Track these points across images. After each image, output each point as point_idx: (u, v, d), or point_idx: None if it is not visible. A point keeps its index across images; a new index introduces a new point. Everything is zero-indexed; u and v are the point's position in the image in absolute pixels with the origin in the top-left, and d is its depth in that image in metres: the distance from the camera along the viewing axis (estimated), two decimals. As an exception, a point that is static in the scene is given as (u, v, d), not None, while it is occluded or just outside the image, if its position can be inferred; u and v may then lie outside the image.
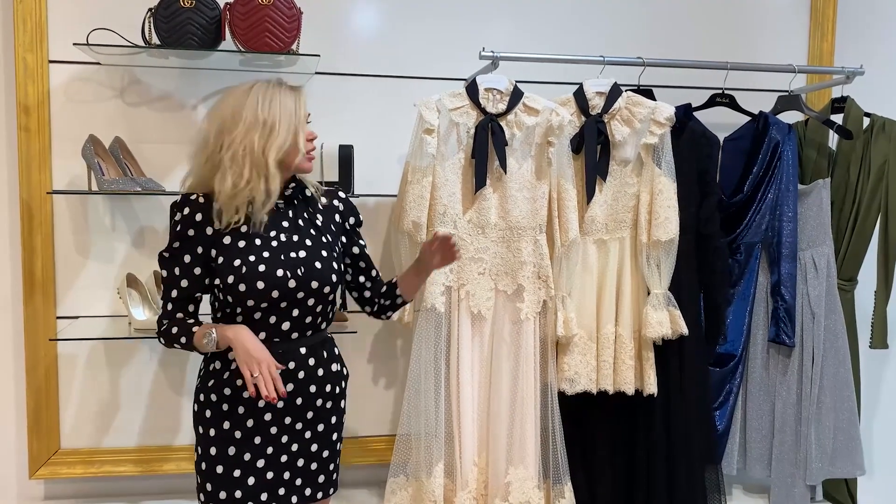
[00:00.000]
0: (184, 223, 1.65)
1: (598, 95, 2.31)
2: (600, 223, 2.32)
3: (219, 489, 1.68)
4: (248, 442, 1.68)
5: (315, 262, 1.72)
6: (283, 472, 1.73)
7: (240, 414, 1.68)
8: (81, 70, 2.33)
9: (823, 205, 2.50)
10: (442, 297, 2.22)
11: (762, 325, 2.55)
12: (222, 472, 1.67)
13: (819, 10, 2.80)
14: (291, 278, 1.67)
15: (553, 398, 2.26)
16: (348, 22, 2.51)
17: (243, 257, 1.65)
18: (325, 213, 1.82)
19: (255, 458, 1.69)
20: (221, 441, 1.67)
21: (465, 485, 2.21)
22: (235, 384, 1.68)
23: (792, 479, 2.51)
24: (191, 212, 1.65)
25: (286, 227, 1.73)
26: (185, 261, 1.66)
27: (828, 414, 2.51)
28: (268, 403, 1.67)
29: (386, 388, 2.63)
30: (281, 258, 1.68)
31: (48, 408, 2.36)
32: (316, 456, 1.78)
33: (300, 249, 1.72)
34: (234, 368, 1.68)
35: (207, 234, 1.65)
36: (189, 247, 1.66)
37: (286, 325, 1.70)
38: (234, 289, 1.64)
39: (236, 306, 1.66)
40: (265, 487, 1.71)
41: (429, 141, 2.21)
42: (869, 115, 2.53)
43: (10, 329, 2.38)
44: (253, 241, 1.67)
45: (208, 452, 1.68)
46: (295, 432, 1.73)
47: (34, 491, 2.45)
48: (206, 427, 1.69)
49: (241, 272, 1.64)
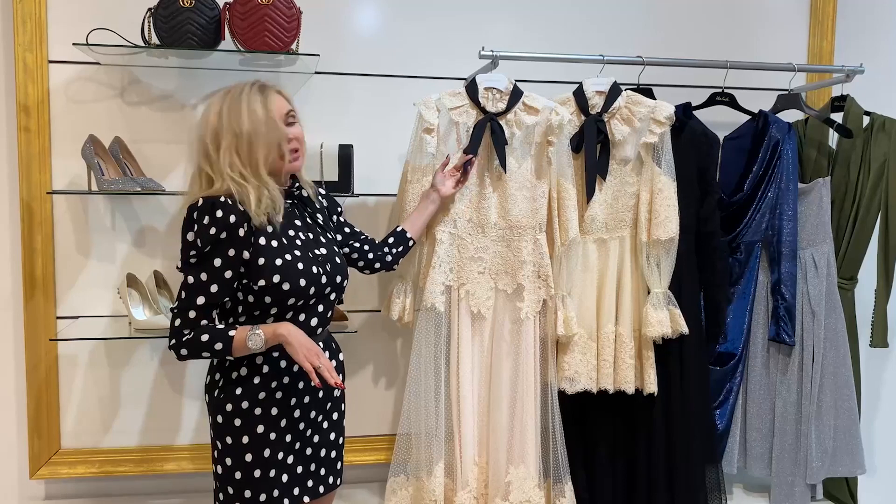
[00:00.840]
0: (216, 225, 1.59)
1: (598, 94, 2.31)
2: (600, 222, 2.32)
3: (259, 492, 1.68)
4: (281, 441, 1.70)
5: (335, 258, 1.78)
6: (310, 465, 1.78)
7: (273, 415, 1.69)
8: (81, 70, 2.33)
9: (823, 203, 2.50)
10: (442, 297, 2.22)
11: (762, 323, 2.54)
12: (260, 475, 1.68)
13: (819, 9, 2.80)
14: (323, 275, 1.72)
15: (553, 397, 2.26)
16: (348, 21, 2.51)
17: (284, 256, 1.66)
18: (321, 211, 1.88)
19: (287, 455, 1.72)
20: (257, 445, 1.67)
21: (465, 484, 2.21)
22: (270, 386, 1.69)
23: (792, 477, 2.51)
24: (224, 214, 1.59)
25: (300, 225, 1.77)
26: (215, 265, 1.60)
27: (828, 413, 2.51)
28: (308, 396, 1.74)
29: (386, 387, 2.63)
30: (309, 255, 1.71)
31: (49, 408, 2.37)
32: (334, 444, 1.86)
33: (320, 246, 1.77)
34: (267, 372, 1.69)
35: (241, 236, 1.61)
36: (221, 250, 1.60)
37: (314, 321, 1.74)
38: (278, 288, 1.64)
39: (273, 306, 1.66)
40: (296, 482, 1.74)
41: (428, 140, 2.21)
42: (869, 113, 2.53)
43: (10, 329, 2.38)
44: (282, 240, 1.69)
45: (243, 460, 1.67)
46: (317, 424, 1.79)
47: (35, 491, 2.45)
48: (239, 436, 1.67)
49: (286, 271, 1.65)
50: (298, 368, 1.72)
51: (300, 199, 1.81)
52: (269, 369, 1.70)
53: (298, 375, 1.73)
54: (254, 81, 1.72)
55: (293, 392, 1.72)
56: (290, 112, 1.72)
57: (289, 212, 1.75)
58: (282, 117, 1.70)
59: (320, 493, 1.80)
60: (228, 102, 1.66)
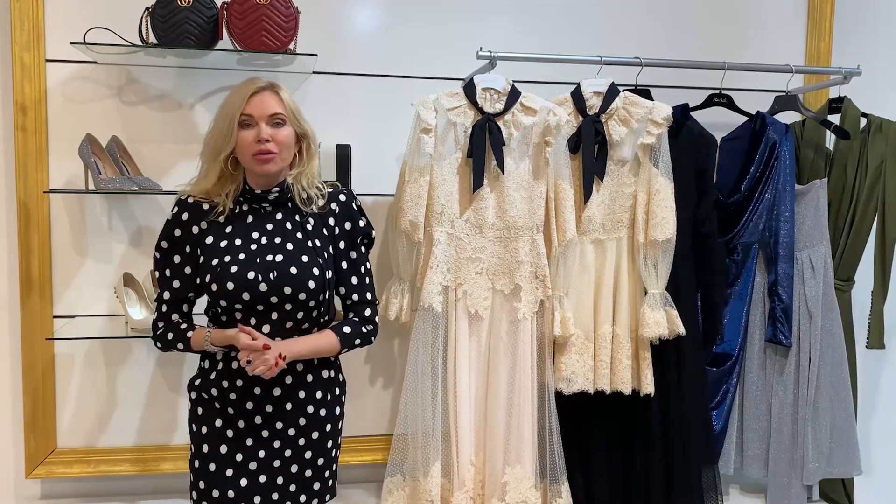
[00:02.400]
0: (173, 222, 1.70)
1: (596, 95, 2.31)
2: (597, 223, 2.32)
3: (212, 487, 1.68)
4: (239, 442, 1.69)
5: (290, 268, 1.69)
6: (277, 477, 1.73)
7: (230, 414, 1.69)
8: (78, 69, 2.32)
9: (820, 205, 2.51)
10: (439, 297, 2.22)
11: (759, 324, 2.55)
12: (215, 469, 1.68)
13: (816, 10, 2.80)
14: (262, 282, 1.66)
15: (550, 398, 2.26)
16: (346, 21, 2.51)
17: (220, 257, 1.67)
18: (319, 218, 1.79)
19: (248, 459, 1.70)
20: (214, 438, 1.69)
21: (461, 484, 2.21)
22: (222, 385, 1.70)
23: (789, 478, 2.51)
24: (179, 211, 1.70)
25: (270, 229, 1.73)
26: (174, 261, 1.70)
27: (825, 414, 2.52)
28: (271, 405, 1.73)
29: (383, 387, 2.63)
30: (256, 261, 1.68)
31: (45, 407, 2.36)
32: (311, 463, 1.78)
33: (278, 253, 1.70)
34: (221, 369, 1.70)
35: (193, 233, 1.70)
36: (179, 247, 1.70)
37: (266, 328, 1.70)
38: (208, 288, 1.67)
39: (215, 306, 1.70)
40: (258, 490, 1.71)
41: (426, 140, 2.21)
42: (866, 115, 2.53)
43: (6, 328, 2.38)
44: (233, 241, 1.69)
45: (201, 450, 1.70)
46: (288, 438, 1.74)
47: (31, 490, 2.45)
48: (199, 424, 1.71)
49: (216, 272, 1.65)
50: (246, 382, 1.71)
51: (286, 203, 1.77)
52: (223, 367, 1.72)
53: (254, 381, 1.70)
54: (254, 78, 1.73)
55: (249, 396, 1.71)
56: (276, 114, 1.69)
57: (265, 214, 1.74)
58: (263, 118, 1.68)
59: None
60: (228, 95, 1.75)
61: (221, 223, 1.70)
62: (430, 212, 2.24)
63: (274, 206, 1.76)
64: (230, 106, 1.69)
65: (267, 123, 1.68)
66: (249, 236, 1.71)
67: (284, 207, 1.76)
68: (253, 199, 1.75)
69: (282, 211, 1.76)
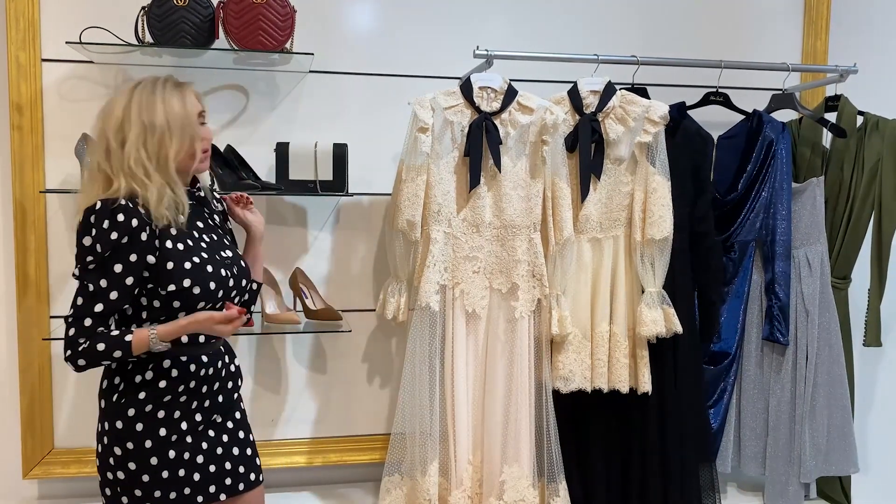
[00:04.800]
0: (117, 230, 1.55)
1: (593, 94, 2.31)
2: (594, 221, 2.32)
3: (168, 491, 1.66)
4: (182, 442, 1.68)
5: (241, 261, 1.77)
6: (224, 463, 1.75)
7: (175, 419, 1.67)
8: (74, 69, 2.32)
9: (817, 203, 2.51)
10: (436, 296, 2.22)
11: (756, 323, 2.55)
12: (168, 475, 1.66)
13: (813, 9, 2.80)
14: (230, 277, 1.70)
15: (548, 397, 2.26)
16: (342, 20, 2.50)
17: (192, 259, 1.63)
18: (219, 213, 1.87)
19: (194, 455, 1.70)
20: (160, 447, 1.65)
21: (459, 483, 2.21)
22: (177, 390, 1.67)
23: (786, 476, 2.51)
24: (126, 218, 1.55)
25: (202, 227, 1.74)
26: (115, 271, 1.56)
27: (822, 412, 2.52)
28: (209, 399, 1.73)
29: (381, 387, 2.63)
30: (217, 258, 1.69)
31: (42, 407, 2.36)
32: (245, 441, 1.83)
33: (225, 248, 1.75)
34: (176, 376, 1.66)
35: (144, 240, 1.58)
36: (122, 256, 1.56)
37: None
38: (188, 292, 1.62)
39: (181, 311, 1.63)
40: (212, 480, 1.73)
41: (423, 139, 2.21)
42: (862, 113, 2.53)
43: (3, 329, 2.37)
44: (188, 242, 1.66)
45: (148, 463, 1.64)
46: (218, 425, 1.77)
47: (28, 491, 2.44)
48: (141, 440, 1.64)
49: (196, 274, 1.63)
50: (204, 373, 1.71)
51: (199, 200, 1.78)
52: (178, 374, 1.67)
53: (204, 379, 1.71)
54: (167, 76, 1.69)
55: (196, 395, 1.70)
56: (202, 112, 1.71)
57: (192, 213, 1.72)
58: (197, 116, 1.69)
59: (240, 490, 1.78)
60: (139, 95, 1.63)
61: (165, 226, 1.63)
62: (427, 211, 2.23)
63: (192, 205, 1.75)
64: (186, 104, 1.65)
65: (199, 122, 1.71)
66: (194, 235, 1.69)
67: (196, 206, 1.77)
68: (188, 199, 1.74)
69: (197, 210, 1.76)
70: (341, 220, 2.54)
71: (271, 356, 2.53)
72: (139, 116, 1.61)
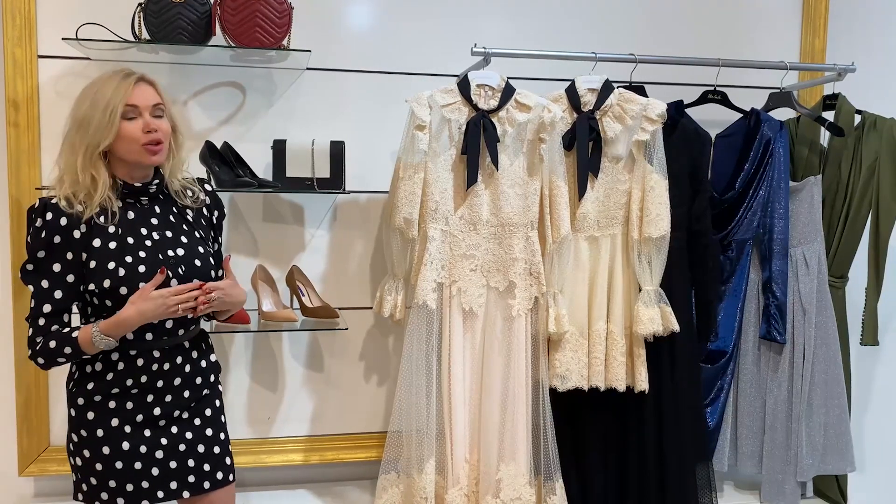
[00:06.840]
0: (47, 229, 1.57)
1: (590, 92, 2.31)
2: (592, 220, 2.32)
3: (124, 482, 1.66)
4: (139, 435, 1.68)
5: (195, 260, 1.72)
6: (187, 460, 1.74)
7: (128, 409, 1.67)
8: (71, 65, 2.31)
9: (815, 202, 2.51)
10: (433, 294, 2.22)
11: (753, 321, 2.55)
12: (123, 466, 1.66)
13: (811, 7, 2.80)
14: (173, 278, 1.66)
15: (544, 395, 2.26)
16: (340, 17, 2.50)
17: (120, 259, 1.62)
18: (197, 209, 1.82)
19: (153, 449, 1.69)
20: (113, 438, 1.66)
21: (456, 481, 2.21)
22: (125, 384, 1.67)
23: (783, 475, 2.52)
24: (54, 216, 1.57)
25: (156, 224, 1.72)
26: (54, 270, 1.59)
27: (818, 410, 2.52)
28: (171, 395, 1.71)
29: (378, 384, 2.63)
30: (159, 257, 1.66)
31: (38, 405, 2.35)
32: (214, 440, 1.80)
33: (177, 247, 1.71)
34: (122, 369, 1.66)
35: (77, 238, 1.59)
36: (58, 255, 1.58)
37: (170, 323, 1.70)
38: (114, 292, 1.61)
39: (116, 309, 1.62)
40: (172, 476, 1.72)
41: (420, 137, 2.20)
42: (860, 111, 2.53)
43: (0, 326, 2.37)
44: (126, 240, 1.64)
45: (101, 452, 1.65)
46: (183, 421, 1.75)
47: (24, 488, 2.44)
48: (93, 428, 1.66)
49: (120, 275, 1.61)
50: (158, 368, 1.69)
51: (161, 196, 1.76)
52: (126, 366, 1.67)
53: (158, 374, 1.70)
54: (122, 69, 1.69)
55: (151, 389, 1.69)
56: (157, 105, 1.69)
57: (145, 209, 1.71)
58: (147, 108, 1.66)
59: (205, 488, 1.77)
60: (89, 88, 1.65)
61: (103, 224, 1.63)
62: (425, 209, 2.23)
63: (150, 200, 1.73)
64: (109, 96, 1.62)
65: (150, 114, 1.68)
66: (139, 233, 1.67)
67: (159, 200, 1.75)
68: (130, 194, 1.71)
69: (158, 204, 1.74)
70: (338, 218, 2.54)
71: (268, 354, 2.53)
72: (73, 112, 1.64)
